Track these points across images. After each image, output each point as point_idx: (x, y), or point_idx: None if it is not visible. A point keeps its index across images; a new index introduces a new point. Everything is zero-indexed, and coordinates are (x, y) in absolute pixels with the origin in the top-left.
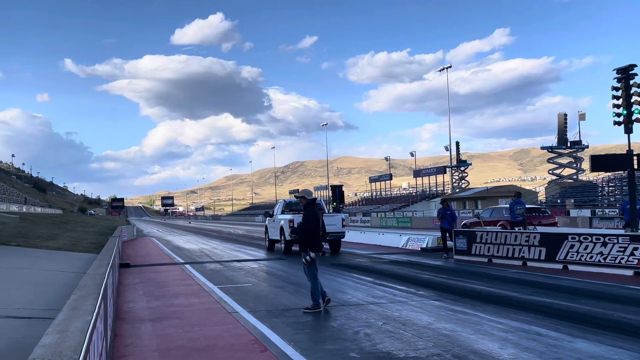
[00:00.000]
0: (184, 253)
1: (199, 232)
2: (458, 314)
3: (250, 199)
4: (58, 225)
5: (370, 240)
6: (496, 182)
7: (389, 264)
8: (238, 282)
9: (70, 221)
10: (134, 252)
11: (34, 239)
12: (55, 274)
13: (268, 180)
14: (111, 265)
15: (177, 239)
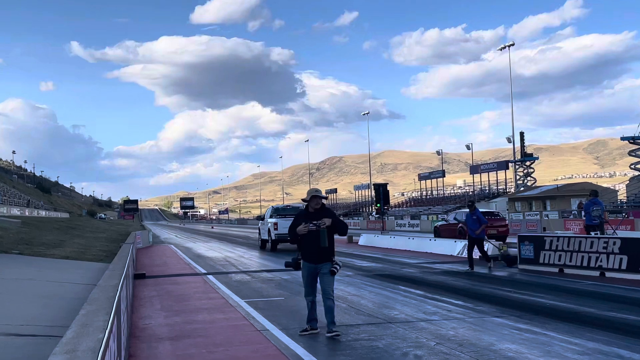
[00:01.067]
0: (206, 262)
1: (223, 238)
2: (524, 332)
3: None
4: (64, 231)
5: (420, 247)
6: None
7: (443, 274)
8: (268, 295)
9: (78, 226)
10: (149, 261)
11: (38, 247)
12: (62, 286)
13: (301, 178)
14: (125, 276)
15: (199, 246)
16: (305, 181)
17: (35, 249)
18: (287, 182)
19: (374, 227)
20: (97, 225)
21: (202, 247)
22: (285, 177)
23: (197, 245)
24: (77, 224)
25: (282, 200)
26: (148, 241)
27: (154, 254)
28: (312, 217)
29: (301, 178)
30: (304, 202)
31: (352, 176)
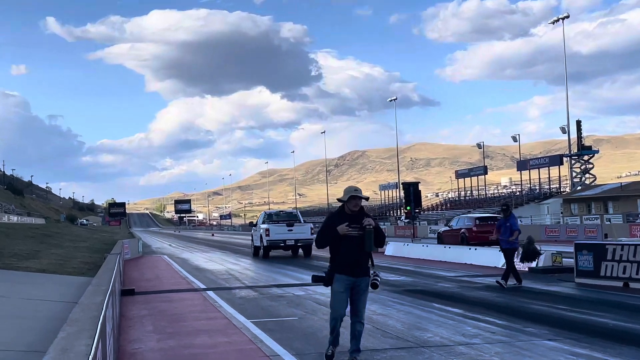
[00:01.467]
0: (206, 275)
1: (224, 247)
2: (581, 358)
3: (293, 202)
4: (40, 240)
5: (458, 258)
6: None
7: (485, 289)
8: (279, 314)
9: (55, 234)
10: (139, 274)
11: (9, 258)
12: (38, 304)
13: (317, 176)
14: (111, 292)
15: (197, 256)
16: (321, 180)
17: (5, 261)
18: (300, 181)
19: (402, 233)
20: (78, 232)
21: (201, 258)
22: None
23: (195, 255)
24: (55, 231)
25: (294, 203)
26: (137, 251)
27: (144, 267)
28: (349, 221)
29: (317, 176)
30: (340, 202)
31: (377, 174)
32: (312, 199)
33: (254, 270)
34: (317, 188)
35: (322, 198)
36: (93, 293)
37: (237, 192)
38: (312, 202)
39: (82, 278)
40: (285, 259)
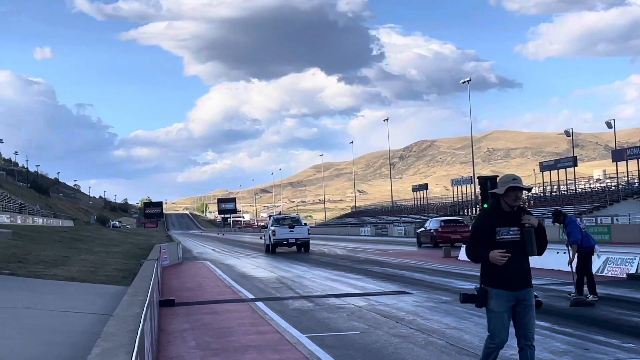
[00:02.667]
0: (254, 284)
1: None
2: None
3: (352, 200)
4: (68, 244)
5: (544, 263)
6: None
7: None
8: (338, 328)
9: (85, 237)
10: (179, 283)
11: (35, 265)
12: (67, 317)
13: (378, 170)
14: (148, 302)
15: (243, 262)
16: (384, 174)
17: (31, 268)
18: (360, 175)
19: None
20: (110, 236)
21: (248, 264)
22: (358, 169)
23: (242, 261)
24: (84, 234)
25: (353, 201)
26: (177, 257)
27: (184, 274)
28: (508, 219)
29: (379, 170)
30: (493, 195)
31: (448, 166)
32: (374, 195)
33: (309, 277)
34: (379, 184)
35: (385, 195)
36: (129, 304)
37: (288, 189)
38: (374, 200)
39: (115, 287)
40: (344, 266)
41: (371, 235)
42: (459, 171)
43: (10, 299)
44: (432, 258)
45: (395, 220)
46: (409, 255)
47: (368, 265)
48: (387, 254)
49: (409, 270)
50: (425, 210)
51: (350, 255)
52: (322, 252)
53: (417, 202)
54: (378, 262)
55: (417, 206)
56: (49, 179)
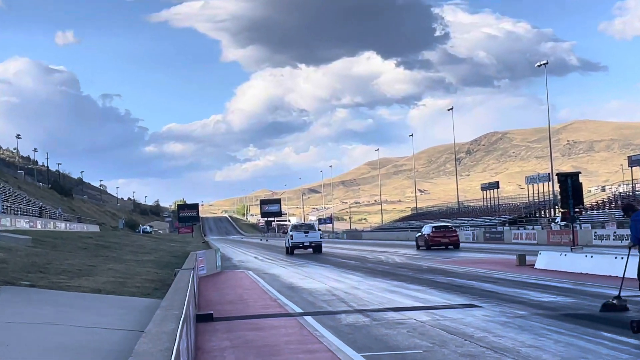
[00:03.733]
0: (303, 296)
1: (324, 259)
2: None
3: (412, 201)
4: (94, 252)
5: (636, 272)
6: None
7: None
8: (397, 346)
9: (113, 244)
10: (218, 295)
11: (57, 275)
12: (94, 334)
13: (442, 167)
14: (184, 317)
15: (290, 272)
16: (448, 171)
17: (53, 279)
18: (422, 173)
19: (558, 240)
20: (141, 242)
21: (296, 274)
22: (418, 165)
23: (288, 270)
24: (112, 241)
25: (413, 202)
26: (215, 266)
27: (224, 285)
28: None
29: (442, 167)
30: None
31: (523, 162)
32: (437, 195)
33: (364, 289)
34: (444, 182)
35: (450, 195)
36: (163, 319)
37: (339, 188)
38: (437, 200)
39: (147, 300)
40: (404, 276)
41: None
42: (534, 167)
43: (30, 313)
44: (504, 266)
45: (461, 224)
46: (477, 263)
47: (431, 275)
48: (453, 261)
49: (478, 280)
50: (496, 212)
51: (411, 263)
52: (378, 260)
53: (486, 202)
54: (442, 271)
55: (486, 207)
56: (72, 179)
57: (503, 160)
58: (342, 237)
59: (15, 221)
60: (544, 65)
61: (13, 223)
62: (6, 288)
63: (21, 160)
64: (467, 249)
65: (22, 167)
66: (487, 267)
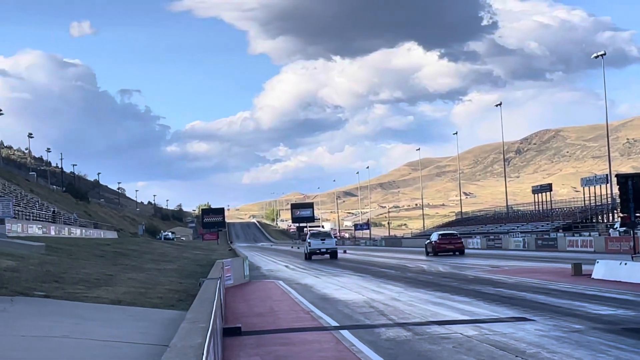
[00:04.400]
0: (338, 308)
1: (362, 268)
2: None
3: (457, 205)
4: (112, 260)
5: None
6: None
7: None
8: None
9: (132, 252)
10: (246, 307)
11: (74, 285)
12: (113, 348)
13: (489, 167)
14: (211, 331)
15: (324, 281)
16: (496, 172)
17: (69, 289)
18: (467, 174)
19: (617, 248)
20: (162, 249)
21: (330, 284)
22: (464, 166)
23: (322, 280)
24: (131, 248)
25: (458, 206)
26: (243, 275)
27: (252, 296)
28: None
29: (489, 167)
30: None
31: (578, 162)
32: (484, 199)
33: (405, 300)
34: (491, 184)
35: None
36: (188, 332)
37: (377, 191)
38: (484, 204)
39: (171, 312)
40: (448, 286)
41: (481, 248)
42: (590, 168)
43: (45, 326)
44: (558, 276)
45: (511, 230)
46: (529, 272)
47: (478, 285)
48: (502, 271)
49: (529, 291)
50: (548, 218)
51: (456, 272)
52: (420, 269)
53: (538, 207)
54: (490, 281)
55: (538, 212)
56: (87, 182)
57: (556, 160)
58: (381, 244)
59: (27, 227)
60: (601, 57)
61: (25, 229)
62: (19, 299)
63: (33, 162)
64: (517, 257)
65: (34, 168)
66: (539, 277)
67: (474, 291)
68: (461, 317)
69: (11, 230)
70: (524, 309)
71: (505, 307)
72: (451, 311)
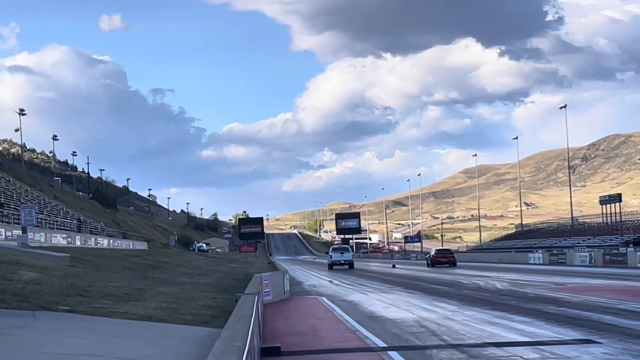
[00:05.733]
0: (386, 327)
1: (412, 284)
2: None
3: (517, 216)
4: (142, 273)
5: None
6: None
7: None
8: None
9: (163, 264)
10: (286, 325)
11: (100, 300)
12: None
13: (552, 176)
14: (248, 350)
15: (371, 298)
16: (559, 181)
17: (95, 304)
18: (528, 183)
19: None
20: (196, 262)
21: (377, 302)
22: (524, 174)
23: (369, 297)
24: (163, 260)
25: (518, 218)
26: (283, 291)
27: (293, 314)
28: None
29: (552, 176)
30: None
31: None
32: (547, 209)
33: (460, 319)
34: (554, 194)
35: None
36: (223, 352)
37: (429, 200)
38: (547, 216)
39: (204, 329)
40: (506, 305)
41: (543, 264)
42: None
43: (69, 343)
44: (627, 295)
45: (576, 244)
46: (596, 290)
47: (539, 304)
48: (566, 289)
49: (596, 311)
50: (617, 231)
51: (515, 290)
52: (476, 285)
53: (606, 219)
54: (553, 299)
55: (606, 224)
56: (116, 187)
57: (626, 168)
58: None
59: (51, 236)
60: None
61: (48, 239)
62: (42, 313)
63: (58, 166)
64: (582, 274)
65: (58, 173)
66: (606, 296)
67: (535, 310)
68: (521, 339)
69: (34, 239)
70: (589, 331)
71: (569, 328)
72: (510, 332)
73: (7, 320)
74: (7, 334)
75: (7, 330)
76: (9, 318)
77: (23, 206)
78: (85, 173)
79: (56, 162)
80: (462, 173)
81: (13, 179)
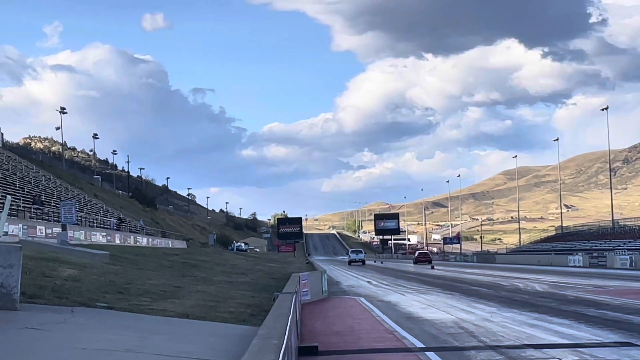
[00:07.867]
0: (424, 328)
1: (451, 285)
2: None
3: (557, 218)
4: (181, 271)
5: None
6: None
7: None
8: None
9: (202, 263)
10: (324, 324)
11: (139, 297)
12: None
13: (593, 178)
14: (285, 349)
15: (409, 299)
16: (600, 183)
17: (133, 301)
18: (569, 185)
19: None
20: (234, 261)
21: (416, 302)
22: (565, 176)
23: (407, 298)
24: (201, 259)
25: (559, 220)
26: (321, 291)
27: (331, 314)
28: None
29: (593, 178)
30: None
31: None
32: (588, 212)
33: (498, 321)
34: (595, 196)
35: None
36: (260, 350)
37: (469, 202)
38: (587, 218)
39: (242, 327)
40: (546, 307)
41: (583, 266)
42: None
43: (107, 339)
44: None
45: (617, 247)
46: (636, 294)
47: (579, 307)
48: (607, 291)
49: (636, 314)
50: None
51: (555, 292)
52: (515, 287)
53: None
54: (593, 302)
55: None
56: (155, 186)
57: None
58: (472, 260)
59: (91, 234)
60: None
61: (88, 236)
62: (80, 310)
63: (98, 164)
64: (623, 277)
65: (99, 172)
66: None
67: (574, 313)
68: (560, 341)
69: (73, 237)
70: (630, 334)
71: (609, 331)
72: (549, 334)
73: (46, 316)
74: (46, 330)
75: (46, 326)
76: (48, 314)
77: (63, 204)
78: (125, 172)
79: (96, 160)
80: (502, 175)
81: (54, 177)
